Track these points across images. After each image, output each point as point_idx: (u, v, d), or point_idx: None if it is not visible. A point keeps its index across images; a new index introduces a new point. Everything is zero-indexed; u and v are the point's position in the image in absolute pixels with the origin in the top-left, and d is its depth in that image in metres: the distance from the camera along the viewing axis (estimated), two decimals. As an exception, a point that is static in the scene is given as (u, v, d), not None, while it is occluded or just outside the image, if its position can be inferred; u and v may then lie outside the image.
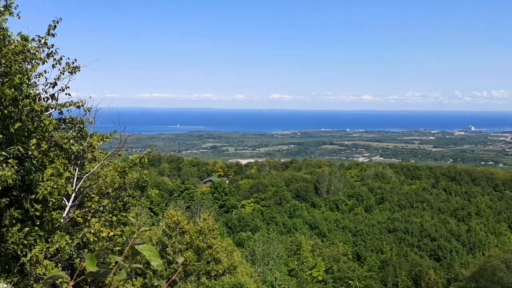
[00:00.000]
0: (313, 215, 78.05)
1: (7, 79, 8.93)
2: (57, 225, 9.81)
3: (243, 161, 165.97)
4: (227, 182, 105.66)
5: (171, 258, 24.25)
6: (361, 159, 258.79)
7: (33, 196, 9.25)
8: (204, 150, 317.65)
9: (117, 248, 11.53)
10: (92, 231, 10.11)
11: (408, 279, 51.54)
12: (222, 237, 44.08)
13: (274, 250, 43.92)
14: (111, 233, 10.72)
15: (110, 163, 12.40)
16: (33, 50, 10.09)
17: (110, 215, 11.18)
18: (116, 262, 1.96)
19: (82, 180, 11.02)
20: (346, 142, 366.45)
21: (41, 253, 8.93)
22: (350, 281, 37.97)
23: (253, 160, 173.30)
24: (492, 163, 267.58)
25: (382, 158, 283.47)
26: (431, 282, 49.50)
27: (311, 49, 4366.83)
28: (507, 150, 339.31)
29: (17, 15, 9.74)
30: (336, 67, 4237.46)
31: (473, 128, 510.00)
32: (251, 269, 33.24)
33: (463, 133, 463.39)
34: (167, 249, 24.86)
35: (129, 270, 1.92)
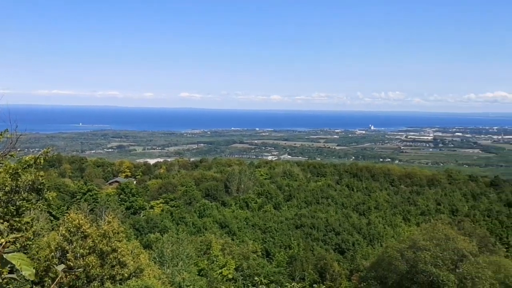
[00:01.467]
0: (223, 214, 78.23)
1: None
2: None
3: (152, 161, 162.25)
4: (134, 182, 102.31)
5: (72, 264, 22.83)
6: (270, 158, 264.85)
7: None
8: (110, 149, 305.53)
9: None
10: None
11: (314, 272, 53.51)
12: (129, 239, 42.51)
13: (183, 251, 43.22)
14: (2, 240, 9.71)
15: (0, 165, 11.34)
16: None
17: (1, 220, 10.21)
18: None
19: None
20: (256, 141, 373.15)
21: None
22: (256, 278, 38.72)
23: (162, 160, 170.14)
24: (389, 160, 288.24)
25: (290, 157, 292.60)
26: (335, 274, 51.90)
27: (221, 48, 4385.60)
28: (402, 147, 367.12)
29: None
30: (246, 67, 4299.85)
31: (372, 128, 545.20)
32: (159, 271, 32.39)
33: (364, 132, 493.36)
34: (68, 254, 23.36)
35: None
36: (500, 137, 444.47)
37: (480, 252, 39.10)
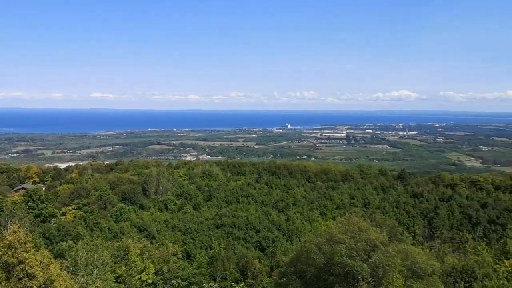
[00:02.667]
0: (141, 218, 75.90)
1: None
2: None
3: (62, 165, 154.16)
4: (43, 189, 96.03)
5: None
6: (188, 158, 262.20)
7: None
8: (15, 154, 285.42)
9: None
10: None
11: (236, 271, 53.59)
12: (38, 249, 39.68)
13: (98, 258, 41.21)
14: None
15: None
16: None
17: None
18: None
19: None
20: (174, 142, 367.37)
21: None
22: (173, 281, 37.69)
23: (73, 164, 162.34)
24: (305, 157, 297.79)
25: (209, 156, 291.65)
26: (256, 271, 52.38)
27: (136, 47, 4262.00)
28: (317, 145, 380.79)
29: None
30: (162, 66, 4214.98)
31: (289, 126, 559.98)
32: (71, 280, 30.53)
33: (281, 130, 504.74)
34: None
35: None
36: (405, 133, 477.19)
37: (390, 242, 41.33)
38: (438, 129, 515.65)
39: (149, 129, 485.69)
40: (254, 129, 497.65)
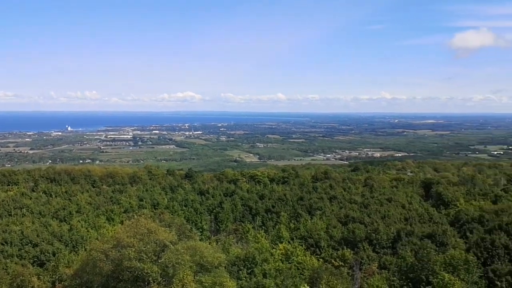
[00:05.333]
0: None
1: None
2: None
3: None
4: None
5: None
6: None
7: None
8: None
9: None
10: None
11: (10, 293, 47.09)
12: None
13: None
14: None
15: None
16: None
17: None
18: None
19: None
20: None
21: None
22: None
23: None
24: (89, 160, 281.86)
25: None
26: (36, 289, 46.99)
27: None
28: (102, 147, 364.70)
29: None
30: None
31: (69, 128, 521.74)
32: None
33: (60, 133, 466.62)
34: None
35: None
36: (191, 133, 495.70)
37: (179, 240, 41.97)
38: (221, 129, 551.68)
39: None
40: (28, 133, 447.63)
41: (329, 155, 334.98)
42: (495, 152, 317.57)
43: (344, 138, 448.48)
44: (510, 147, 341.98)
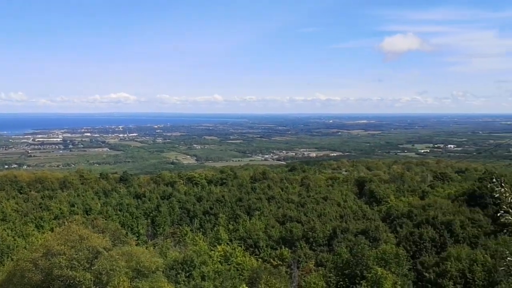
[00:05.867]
0: None
1: None
2: None
3: None
4: None
5: None
6: None
7: None
8: None
9: None
10: None
11: None
12: None
13: None
14: None
15: None
16: None
17: None
18: None
19: None
20: None
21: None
22: None
23: None
24: (16, 165, 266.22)
25: None
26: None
27: None
28: (30, 151, 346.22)
29: None
30: None
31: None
32: None
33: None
34: None
35: None
36: (125, 135, 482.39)
37: (114, 246, 40.58)
38: (157, 130, 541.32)
39: None
40: None
41: (267, 156, 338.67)
42: (422, 151, 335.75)
43: (281, 139, 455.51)
44: (435, 146, 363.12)
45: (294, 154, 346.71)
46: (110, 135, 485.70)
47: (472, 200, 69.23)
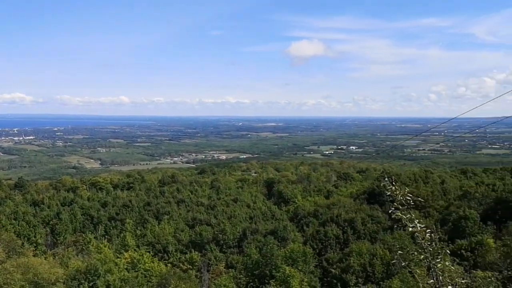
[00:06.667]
0: None
1: None
2: None
3: None
4: None
5: None
6: None
7: None
8: None
9: None
10: None
11: None
12: None
13: None
14: None
15: None
16: None
17: None
18: None
19: None
20: None
21: None
22: None
23: None
24: None
25: None
26: None
27: None
28: None
29: None
30: None
31: None
32: None
33: None
34: None
35: None
36: (21, 138, 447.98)
37: (8, 257, 37.43)
38: (57, 133, 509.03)
39: None
40: None
41: (176, 159, 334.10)
42: (327, 152, 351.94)
43: (190, 141, 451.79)
44: (339, 147, 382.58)
45: (204, 156, 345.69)
46: (3, 138, 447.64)
47: (371, 198, 73.77)
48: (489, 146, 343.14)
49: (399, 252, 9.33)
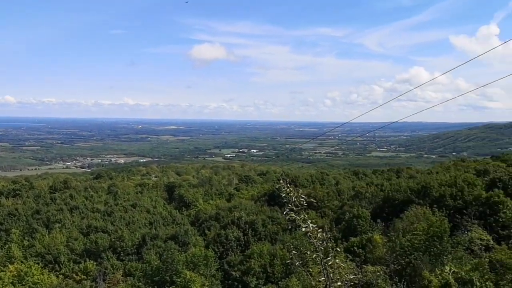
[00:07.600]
0: None
1: None
2: None
3: None
4: None
5: None
6: None
7: None
8: None
9: None
10: None
11: None
12: None
13: None
14: None
15: None
16: None
17: None
18: None
19: None
20: None
21: None
22: None
23: None
24: None
25: None
26: None
27: None
28: None
29: None
30: None
31: None
32: None
33: None
34: None
35: None
36: None
37: None
38: None
39: None
40: None
41: (69, 163, 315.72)
42: (228, 155, 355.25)
43: (85, 145, 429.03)
44: (240, 150, 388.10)
45: (100, 161, 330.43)
46: None
47: (271, 200, 75.48)
48: (378, 149, 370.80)
49: (293, 252, 9.59)
